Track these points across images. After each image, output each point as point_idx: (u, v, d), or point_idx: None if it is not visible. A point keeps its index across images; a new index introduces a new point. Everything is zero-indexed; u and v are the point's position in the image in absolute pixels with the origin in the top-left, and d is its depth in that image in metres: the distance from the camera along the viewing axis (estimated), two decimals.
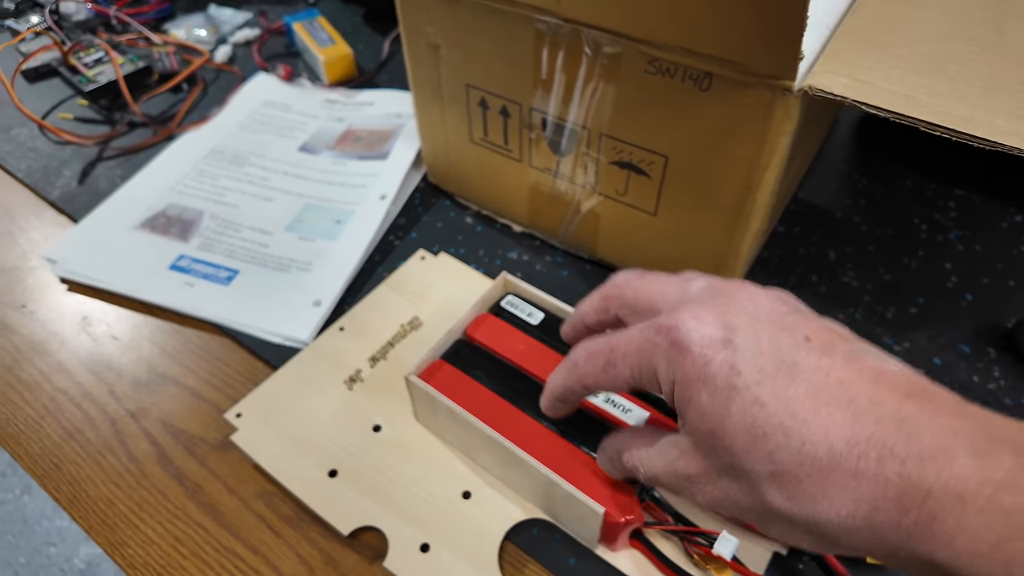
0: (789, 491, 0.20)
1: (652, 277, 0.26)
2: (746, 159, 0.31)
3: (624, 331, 0.25)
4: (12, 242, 0.46)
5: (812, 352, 0.21)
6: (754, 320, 0.22)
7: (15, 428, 0.36)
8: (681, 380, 0.22)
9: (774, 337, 0.21)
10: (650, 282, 0.26)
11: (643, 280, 0.26)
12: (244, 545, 0.32)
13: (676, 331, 0.22)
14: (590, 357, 0.25)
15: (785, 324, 0.22)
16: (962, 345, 0.39)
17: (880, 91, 0.27)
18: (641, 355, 0.23)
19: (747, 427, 0.20)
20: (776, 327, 0.22)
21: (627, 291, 0.27)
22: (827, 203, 0.48)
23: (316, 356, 0.38)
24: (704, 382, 0.21)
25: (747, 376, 0.21)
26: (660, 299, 0.25)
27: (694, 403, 0.22)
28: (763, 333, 0.21)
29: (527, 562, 0.31)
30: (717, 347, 0.21)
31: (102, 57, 0.57)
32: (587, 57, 0.32)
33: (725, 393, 0.21)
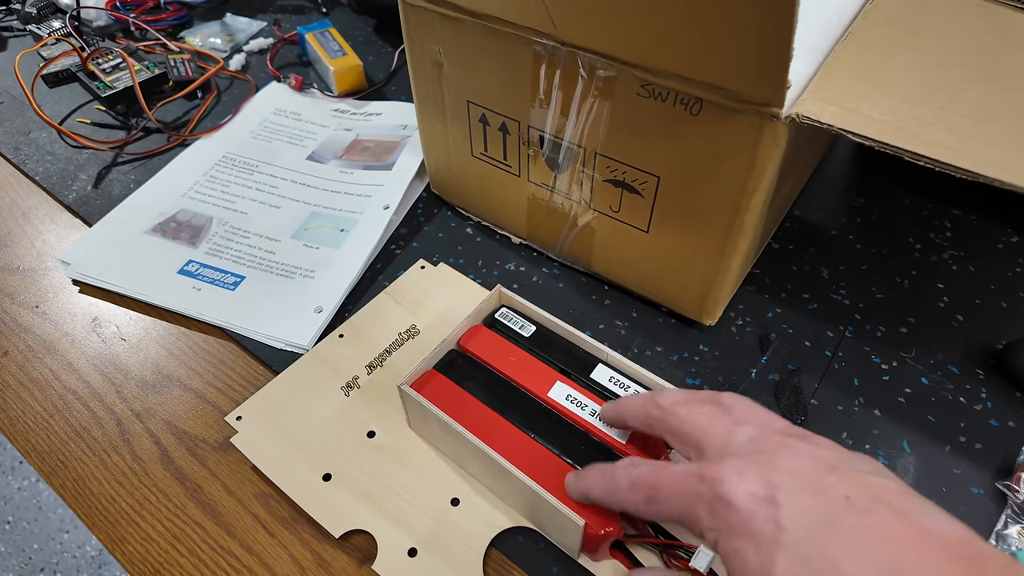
0: None
1: (698, 410, 0.27)
2: (735, 182, 0.32)
3: (668, 468, 0.26)
4: (28, 244, 0.48)
5: (853, 510, 0.21)
6: (794, 479, 0.23)
7: (24, 425, 0.38)
8: (725, 532, 0.23)
9: (815, 496, 0.22)
10: (695, 416, 0.27)
11: (689, 413, 0.27)
12: (240, 544, 0.33)
13: (720, 484, 0.23)
14: (633, 487, 0.26)
15: (825, 484, 0.22)
16: (951, 366, 0.39)
17: (869, 120, 0.28)
18: (684, 500, 0.24)
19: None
20: (816, 487, 0.22)
21: (672, 420, 0.27)
22: (822, 221, 0.48)
23: (315, 362, 0.39)
24: (749, 536, 0.22)
25: (791, 532, 0.21)
26: (705, 438, 0.26)
27: (740, 555, 0.22)
28: (804, 492, 0.22)
29: (512, 569, 0.32)
30: (760, 503, 0.22)
31: (120, 63, 0.59)
32: (582, 79, 0.33)
33: (770, 548, 0.21)
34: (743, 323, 0.42)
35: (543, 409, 0.34)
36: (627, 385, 0.34)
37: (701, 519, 0.24)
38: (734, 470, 0.23)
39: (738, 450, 0.25)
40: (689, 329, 0.41)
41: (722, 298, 0.38)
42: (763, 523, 0.22)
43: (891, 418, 0.37)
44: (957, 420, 0.37)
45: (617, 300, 0.43)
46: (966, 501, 0.34)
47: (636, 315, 0.42)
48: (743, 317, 0.42)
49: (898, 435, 0.36)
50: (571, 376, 0.35)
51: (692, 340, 0.41)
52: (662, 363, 0.40)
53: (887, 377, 0.39)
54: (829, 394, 0.38)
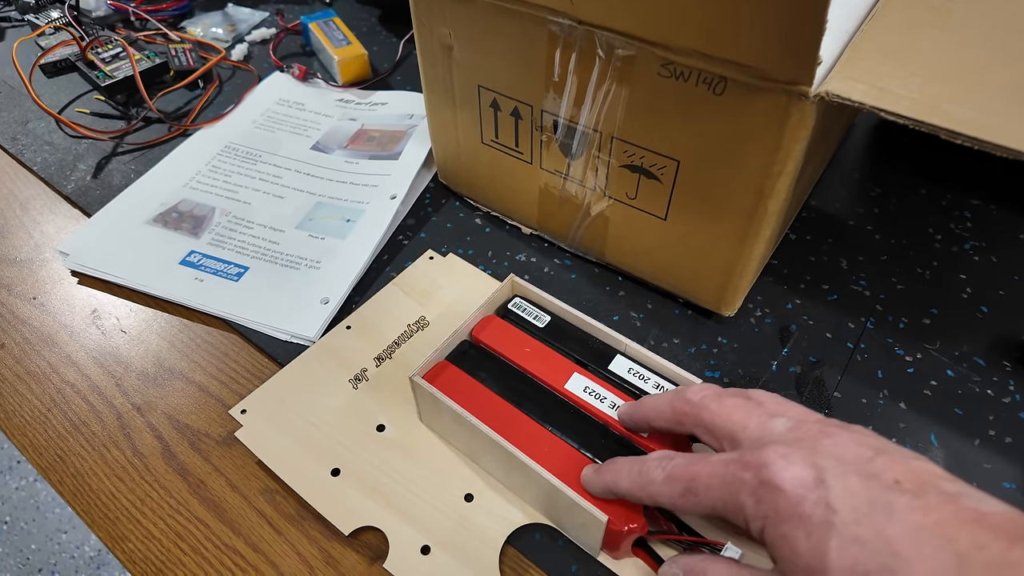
0: None
1: (731, 403, 0.26)
2: (759, 165, 0.31)
3: (705, 459, 0.25)
4: (26, 234, 0.46)
5: (904, 494, 0.21)
6: (841, 463, 0.22)
7: (21, 419, 0.37)
8: (773, 518, 0.22)
9: (864, 479, 0.22)
10: (729, 409, 0.26)
11: (722, 406, 0.26)
12: (245, 542, 0.32)
13: (766, 469, 0.22)
14: (669, 480, 0.25)
15: (873, 468, 0.22)
16: (976, 357, 0.38)
17: (900, 98, 0.27)
18: (726, 490, 0.23)
19: (849, 565, 0.20)
20: (864, 470, 0.22)
21: (704, 414, 0.27)
22: (839, 211, 0.47)
23: (322, 354, 0.38)
24: (799, 520, 0.21)
25: (844, 515, 0.21)
26: (741, 431, 0.25)
27: (789, 541, 0.22)
28: (852, 475, 0.22)
29: (528, 567, 0.31)
30: (809, 486, 0.22)
31: (119, 53, 0.58)
32: (600, 59, 0.32)
33: (822, 531, 0.21)
34: (762, 314, 0.40)
35: (560, 401, 0.32)
36: (647, 377, 0.33)
37: (746, 506, 0.23)
38: (779, 455, 0.23)
39: (779, 438, 0.24)
40: (707, 320, 0.40)
41: (742, 288, 0.37)
42: (813, 506, 0.21)
43: (917, 411, 0.36)
44: (985, 413, 0.36)
45: (631, 291, 0.42)
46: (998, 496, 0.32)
47: (651, 306, 0.41)
48: (762, 308, 0.41)
49: (925, 429, 0.35)
50: (588, 367, 0.34)
51: (710, 332, 0.40)
52: (679, 355, 0.38)
53: (912, 369, 0.38)
54: (852, 387, 0.37)
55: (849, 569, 0.20)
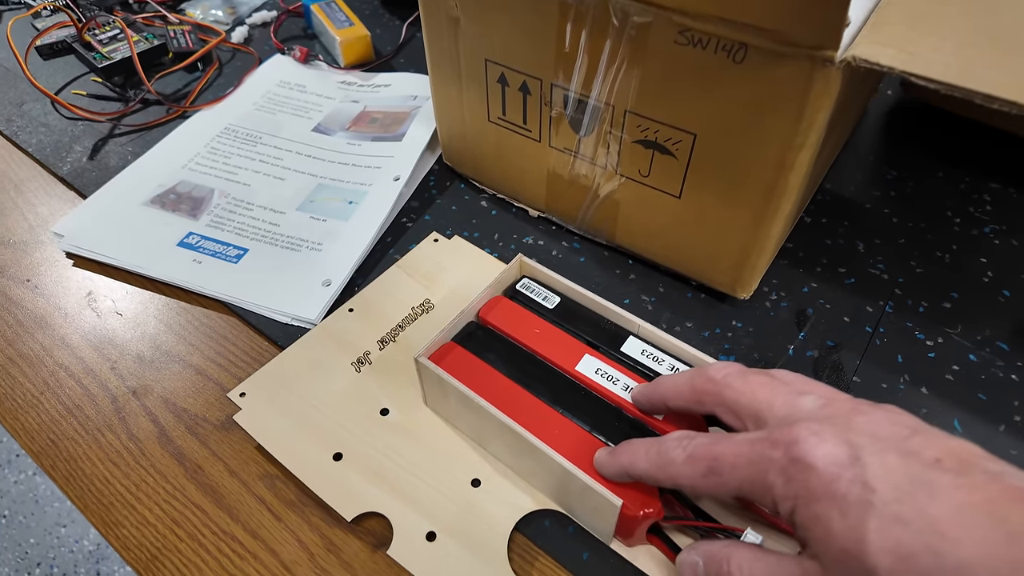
0: None
1: (756, 381, 0.25)
2: (780, 137, 0.29)
3: (729, 438, 0.24)
4: (20, 216, 0.45)
5: (947, 472, 0.20)
6: (877, 440, 0.21)
7: (13, 403, 0.35)
8: (804, 498, 0.21)
9: (903, 457, 0.20)
10: (754, 387, 0.25)
11: (746, 383, 0.25)
12: (243, 528, 0.31)
13: (796, 446, 0.21)
14: (690, 460, 0.24)
15: (911, 446, 0.21)
16: (1000, 342, 0.37)
17: (931, 63, 0.25)
18: (753, 469, 0.22)
19: (891, 547, 0.19)
20: (902, 448, 0.21)
21: (728, 392, 0.25)
22: (855, 194, 0.46)
23: (324, 337, 0.37)
24: (834, 500, 0.20)
25: (883, 493, 0.20)
26: (767, 409, 0.24)
27: (823, 521, 0.20)
28: (889, 453, 0.20)
29: (537, 555, 0.29)
30: (845, 464, 0.20)
31: (117, 34, 0.57)
32: (614, 28, 0.31)
33: (860, 510, 0.20)
34: (777, 298, 0.39)
35: (571, 383, 0.31)
36: (661, 359, 0.32)
37: (774, 486, 0.21)
38: (810, 431, 0.21)
39: (809, 415, 0.22)
40: (720, 304, 0.39)
41: (759, 268, 0.36)
42: (849, 484, 0.20)
43: (939, 396, 0.35)
44: (1010, 399, 0.35)
45: (642, 274, 0.41)
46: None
47: (663, 290, 0.40)
48: (777, 292, 0.40)
49: (948, 414, 0.34)
50: (600, 349, 0.32)
51: (724, 315, 0.38)
52: (692, 340, 0.37)
53: (933, 354, 0.37)
54: (872, 371, 0.36)
55: (891, 551, 0.19)
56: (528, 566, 0.29)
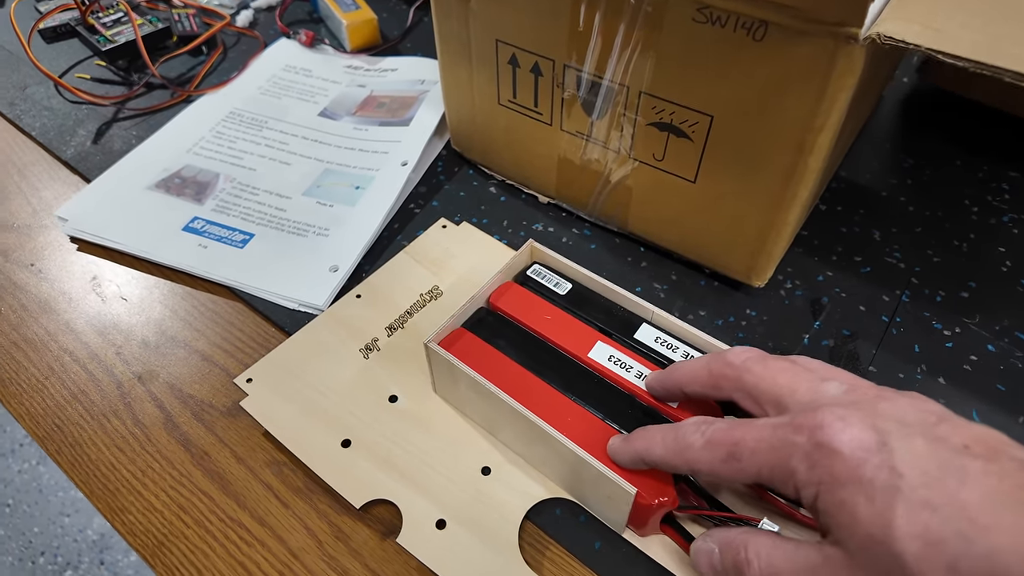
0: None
1: (776, 366, 0.24)
2: (800, 119, 0.29)
3: (749, 423, 0.23)
4: (23, 200, 0.45)
5: (976, 458, 0.19)
6: (904, 426, 0.21)
7: (17, 387, 0.35)
8: (828, 483, 0.20)
9: (931, 443, 0.20)
10: (775, 372, 0.24)
11: (767, 368, 0.24)
12: (250, 515, 0.30)
13: (821, 431, 0.21)
14: (709, 445, 0.23)
15: (939, 432, 0.20)
16: (1018, 332, 0.36)
17: (959, 40, 0.25)
18: (775, 454, 0.22)
19: (919, 532, 0.19)
20: (930, 434, 0.20)
21: (748, 377, 0.25)
22: (871, 182, 0.45)
23: (331, 323, 0.36)
24: (860, 485, 0.20)
25: (911, 479, 0.19)
26: (789, 395, 0.23)
27: (848, 507, 0.20)
28: (917, 439, 0.20)
29: (548, 544, 0.29)
30: (872, 449, 0.20)
31: (121, 17, 0.56)
32: (630, 6, 0.30)
33: (887, 496, 0.19)
34: (792, 286, 0.39)
35: (583, 370, 0.31)
36: (675, 346, 0.31)
37: (797, 472, 0.21)
38: (836, 416, 0.21)
39: (833, 400, 0.22)
40: (734, 292, 0.38)
41: (775, 255, 0.35)
42: (876, 470, 0.19)
43: (957, 387, 0.34)
44: None
45: (654, 262, 0.40)
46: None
47: (676, 277, 0.39)
48: (792, 280, 0.39)
49: (966, 405, 0.33)
50: (613, 336, 0.32)
51: (738, 304, 0.38)
52: (706, 328, 0.36)
53: (950, 344, 0.36)
54: (888, 361, 0.35)
55: (920, 536, 0.18)
56: (539, 555, 0.29)
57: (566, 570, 0.28)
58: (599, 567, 0.28)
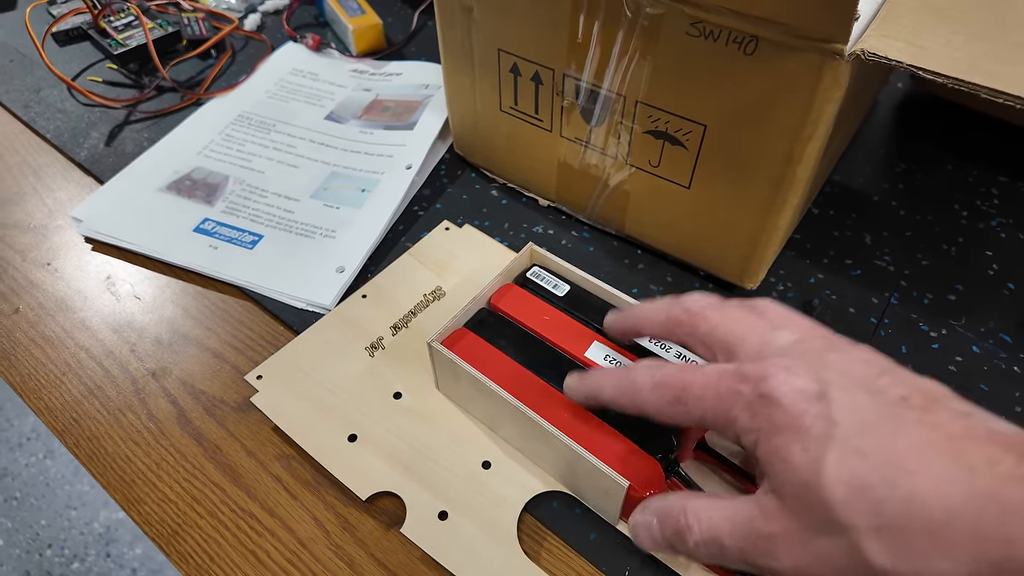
0: (897, 547, 0.18)
1: (732, 314, 0.25)
2: (789, 129, 0.30)
3: (698, 369, 0.23)
4: (39, 201, 0.46)
5: (913, 409, 0.20)
6: (846, 377, 0.21)
7: (36, 383, 0.36)
8: (768, 431, 0.21)
9: (870, 394, 0.20)
10: (729, 321, 0.24)
11: (721, 315, 0.25)
12: (261, 507, 0.32)
13: (765, 382, 0.21)
14: (657, 387, 0.24)
15: (880, 384, 0.21)
16: (1003, 334, 0.38)
17: (939, 57, 0.26)
18: (720, 402, 0.22)
19: (847, 478, 0.19)
20: (871, 386, 0.21)
21: (701, 323, 0.25)
22: (863, 187, 0.46)
23: (338, 322, 0.37)
24: (797, 433, 0.20)
25: (845, 427, 0.20)
26: (739, 343, 0.24)
27: (782, 454, 0.20)
28: (858, 389, 0.21)
29: (546, 535, 0.30)
30: (812, 400, 0.20)
31: (132, 21, 0.57)
32: (627, 19, 0.31)
33: (821, 444, 0.20)
34: (784, 288, 0.40)
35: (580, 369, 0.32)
36: (668, 346, 0.32)
37: (738, 420, 0.22)
38: (780, 367, 0.21)
39: (781, 351, 0.22)
40: (728, 294, 0.40)
41: (767, 259, 0.37)
42: (814, 419, 0.20)
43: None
44: (1012, 390, 0.35)
45: (651, 264, 0.41)
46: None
47: (672, 279, 0.40)
48: (784, 283, 0.40)
49: None
50: (608, 336, 0.33)
51: None
52: None
53: (936, 345, 0.37)
54: None
55: (847, 482, 0.19)
56: (537, 546, 0.30)
57: (563, 560, 0.30)
58: (594, 557, 0.29)
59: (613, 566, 0.29)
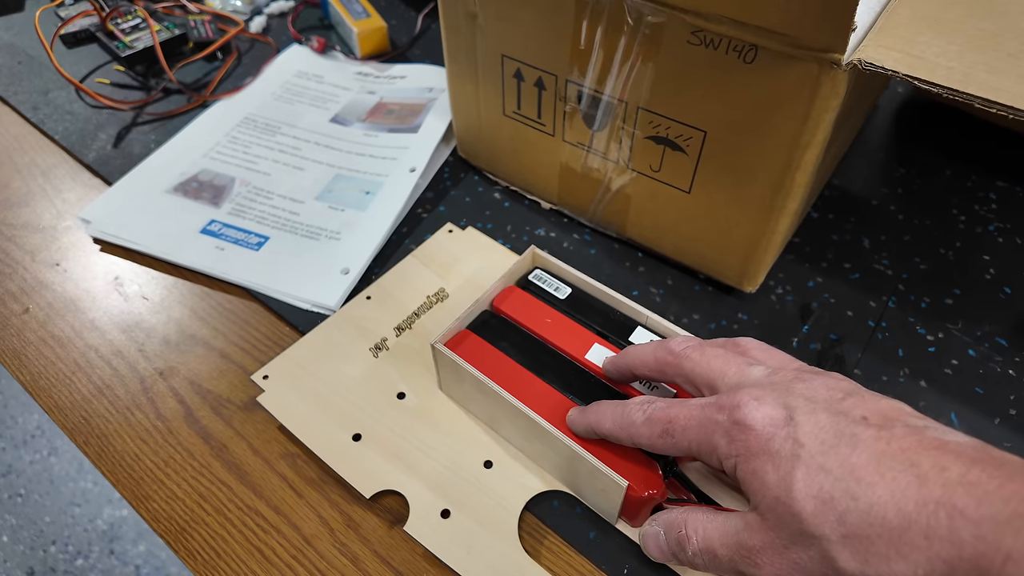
0: (862, 553, 0.20)
1: (712, 353, 0.27)
2: (788, 136, 0.30)
3: (683, 403, 0.26)
4: (48, 202, 0.47)
5: (871, 427, 0.22)
6: (811, 402, 0.23)
7: (47, 382, 0.37)
8: (744, 455, 0.23)
9: (832, 416, 0.23)
10: (710, 359, 0.27)
11: (703, 355, 0.27)
12: (267, 504, 0.32)
13: (739, 411, 0.24)
14: (649, 422, 0.26)
15: (842, 407, 0.23)
16: (999, 338, 0.38)
17: (935, 67, 0.26)
18: (702, 431, 0.24)
19: (814, 493, 0.21)
20: (833, 408, 0.23)
21: (686, 363, 0.27)
22: (862, 191, 0.47)
23: (343, 323, 0.38)
24: (769, 455, 0.23)
25: (810, 447, 0.22)
26: (719, 378, 0.26)
27: (758, 475, 0.23)
28: (821, 413, 0.23)
29: (546, 533, 0.31)
30: (780, 424, 0.23)
31: (139, 24, 0.58)
32: (629, 27, 0.32)
33: (790, 464, 0.22)
34: (783, 292, 0.40)
35: (580, 371, 0.32)
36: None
37: (719, 446, 0.24)
38: (751, 396, 0.24)
39: (754, 383, 0.25)
40: (727, 297, 0.40)
41: (765, 263, 0.37)
42: (782, 442, 0.22)
43: (938, 389, 0.36)
44: (1007, 393, 0.36)
45: (651, 267, 0.42)
46: None
47: (672, 282, 0.41)
48: (783, 286, 0.41)
49: (945, 407, 0.35)
50: (609, 339, 0.34)
51: (730, 308, 0.40)
52: (699, 331, 0.38)
53: (933, 348, 0.38)
54: (873, 364, 0.37)
55: (815, 496, 0.21)
56: (537, 544, 0.31)
57: (562, 558, 0.30)
58: (593, 556, 0.30)
59: (612, 564, 0.30)
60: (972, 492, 0.19)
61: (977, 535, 0.18)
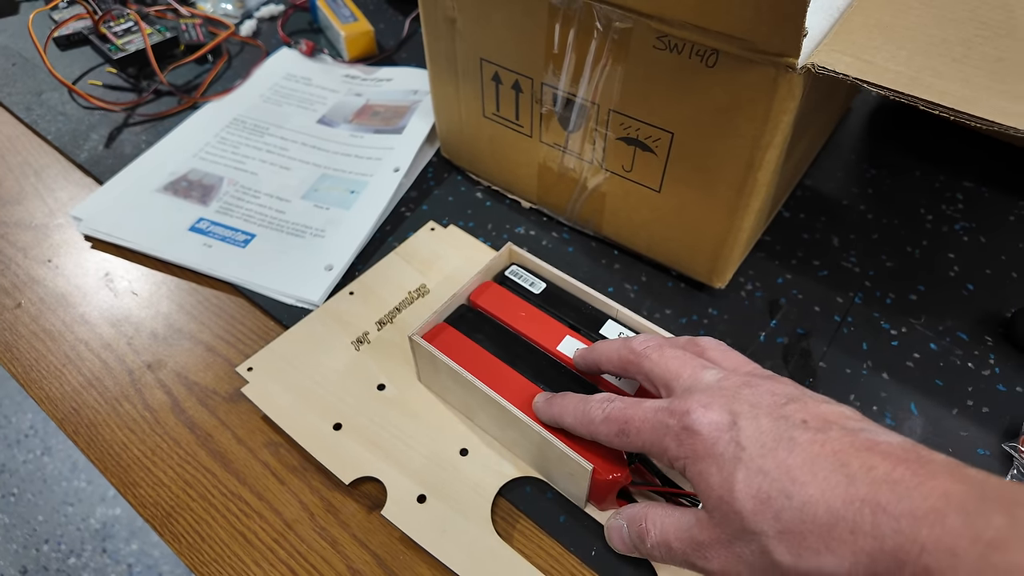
0: (795, 547, 0.22)
1: (670, 354, 0.29)
2: (749, 137, 0.32)
3: (639, 405, 0.27)
4: (40, 200, 0.48)
5: (808, 430, 0.23)
6: (755, 407, 0.25)
7: (38, 374, 0.38)
8: (692, 458, 0.25)
9: (774, 420, 0.24)
10: (667, 359, 0.28)
11: (661, 356, 0.29)
12: (250, 491, 0.33)
13: (688, 416, 0.25)
14: (607, 420, 0.28)
15: (784, 411, 0.24)
16: (960, 332, 0.39)
17: (884, 71, 0.28)
18: (654, 433, 0.26)
19: (753, 493, 0.23)
20: (775, 413, 0.24)
21: (645, 363, 0.29)
22: (834, 191, 0.48)
23: (326, 317, 0.39)
24: (713, 458, 0.24)
25: (750, 450, 0.23)
26: (675, 379, 0.28)
27: (704, 476, 0.24)
28: (763, 417, 0.24)
29: (519, 517, 0.32)
30: (724, 428, 0.24)
31: (131, 27, 0.59)
32: (598, 32, 0.33)
33: (732, 466, 0.23)
34: (753, 288, 0.42)
35: (552, 362, 0.34)
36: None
37: (669, 449, 0.25)
38: (699, 403, 0.25)
39: (705, 388, 0.26)
40: (699, 293, 0.41)
41: (733, 259, 0.38)
42: (726, 445, 0.24)
43: (899, 381, 0.37)
44: (965, 385, 0.37)
45: (627, 264, 0.43)
46: (972, 462, 0.33)
47: (646, 279, 0.42)
48: (753, 282, 0.42)
49: (906, 398, 0.36)
50: (581, 331, 0.35)
51: (701, 303, 0.41)
52: (672, 325, 0.40)
53: (896, 342, 0.39)
54: (838, 357, 0.38)
55: (754, 496, 0.23)
56: (510, 527, 0.32)
57: (534, 541, 0.31)
58: (563, 538, 0.31)
59: (580, 546, 0.31)
60: (895, 489, 0.20)
61: (896, 529, 0.20)
